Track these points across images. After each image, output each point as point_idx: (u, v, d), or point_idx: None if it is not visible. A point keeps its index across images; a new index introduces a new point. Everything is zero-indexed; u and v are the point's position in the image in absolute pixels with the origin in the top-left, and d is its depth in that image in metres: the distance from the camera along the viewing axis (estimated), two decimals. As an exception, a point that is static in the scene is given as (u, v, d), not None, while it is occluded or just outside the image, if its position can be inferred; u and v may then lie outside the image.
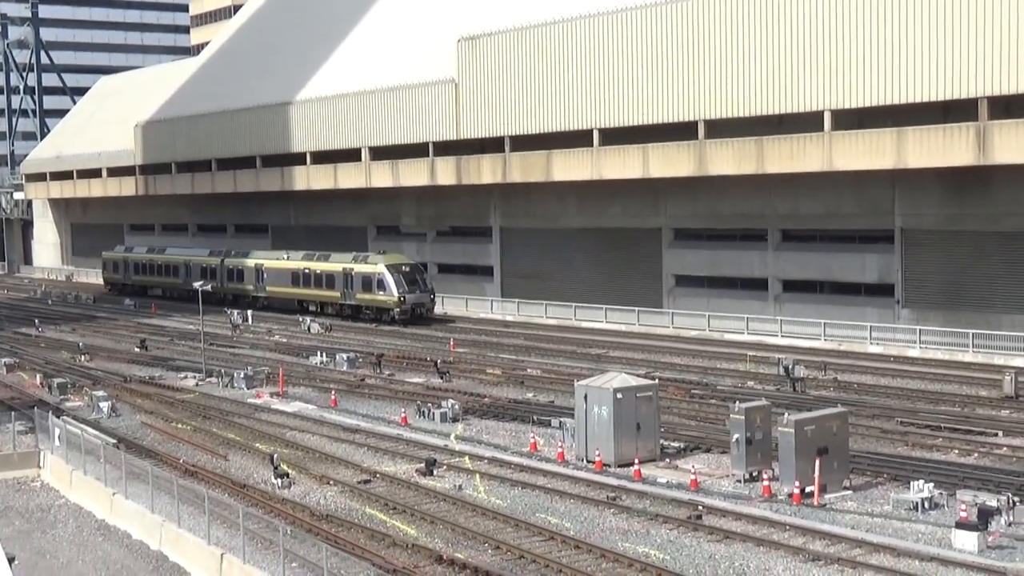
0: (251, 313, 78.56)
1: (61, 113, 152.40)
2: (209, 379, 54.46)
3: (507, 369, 54.80)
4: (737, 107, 60.80)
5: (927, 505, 29.97)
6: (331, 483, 34.98)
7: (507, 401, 47.07)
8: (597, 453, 35.43)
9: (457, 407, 44.12)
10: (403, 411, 44.40)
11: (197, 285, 60.27)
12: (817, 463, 31.11)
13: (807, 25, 57.43)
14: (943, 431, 38.96)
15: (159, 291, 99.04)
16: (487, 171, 75.83)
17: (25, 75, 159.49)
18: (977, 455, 35.86)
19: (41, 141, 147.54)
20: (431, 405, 44.55)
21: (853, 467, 33.03)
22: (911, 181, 57.51)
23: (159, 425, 44.98)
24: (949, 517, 28.79)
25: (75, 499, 35.47)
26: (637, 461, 34.65)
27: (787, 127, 59.25)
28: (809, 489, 31.05)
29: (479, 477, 35.14)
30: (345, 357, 57.49)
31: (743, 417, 33.01)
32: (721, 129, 61.95)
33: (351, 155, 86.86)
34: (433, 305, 75.17)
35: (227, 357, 61.84)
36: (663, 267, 70.05)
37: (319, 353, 60.06)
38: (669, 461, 35.99)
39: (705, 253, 67.83)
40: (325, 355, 59.40)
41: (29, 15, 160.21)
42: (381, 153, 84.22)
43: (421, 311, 73.95)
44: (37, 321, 78.93)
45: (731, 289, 66.51)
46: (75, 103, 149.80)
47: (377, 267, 74.68)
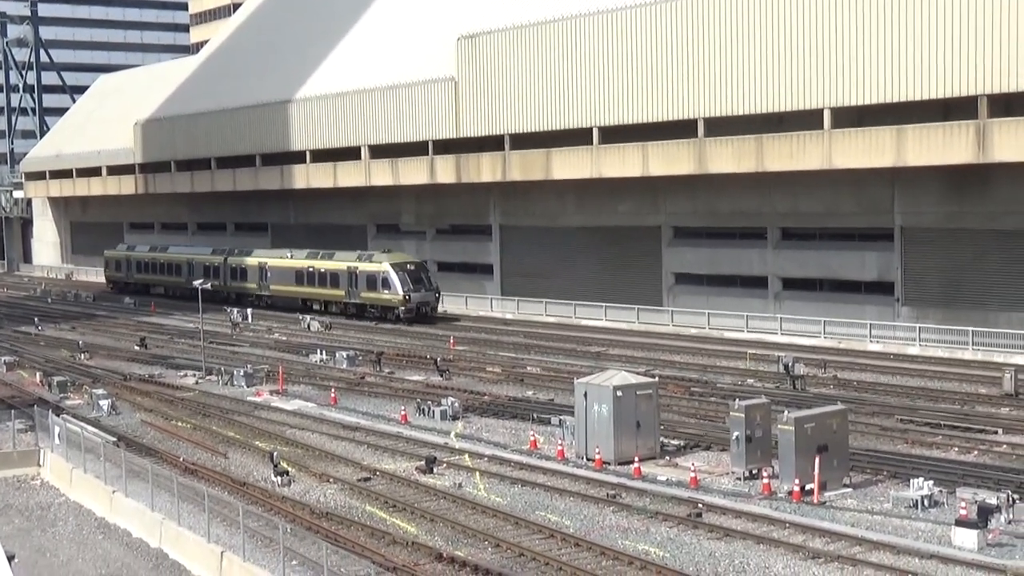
0: (251, 311, 78.62)
1: (61, 111, 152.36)
2: (209, 377, 54.46)
3: (507, 367, 54.80)
4: (737, 105, 60.80)
5: (927, 503, 29.99)
6: (331, 481, 34.98)
7: (507, 399, 47.09)
8: (597, 451, 35.44)
9: (457, 405, 44.12)
10: (403, 409, 44.42)
11: (197, 284, 60.29)
12: (817, 461, 31.12)
13: (807, 23, 57.43)
14: (943, 429, 38.97)
15: (161, 290, 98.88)
16: (487, 169, 75.84)
17: (25, 73, 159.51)
18: (977, 453, 35.88)
19: (41, 139, 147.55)
20: (431, 403, 44.55)
21: (853, 465, 33.04)
22: (911, 179, 57.52)
23: (159, 423, 44.99)
24: (949, 515, 28.80)
25: (75, 497, 35.48)
26: (637, 459, 34.67)
27: (787, 125, 59.24)
28: (809, 487, 31.06)
29: (479, 475, 35.14)
30: (345, 355, 57.50)
31: (743, 415, 33.01)
32: (721, 127, 61.96)
33: (351, 153, 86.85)
34: (438, 304, 75.11)
35: (227, 355, 61.84)
36: (663, 265, 70.06)
37: (319, 351, 60.04)
38: (669, 459, 36.00)
39: (705, 251, 67.84)
40: (325, 353, 59.40)
41: (29, 13, 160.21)
42: (381, 151, 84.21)
43: (426, 310, 73.81)
44: (37, 319, 78.95)
45: (731, 287, 66.51)
46: (75, 101, 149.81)
47: (382, 266, 74.46)
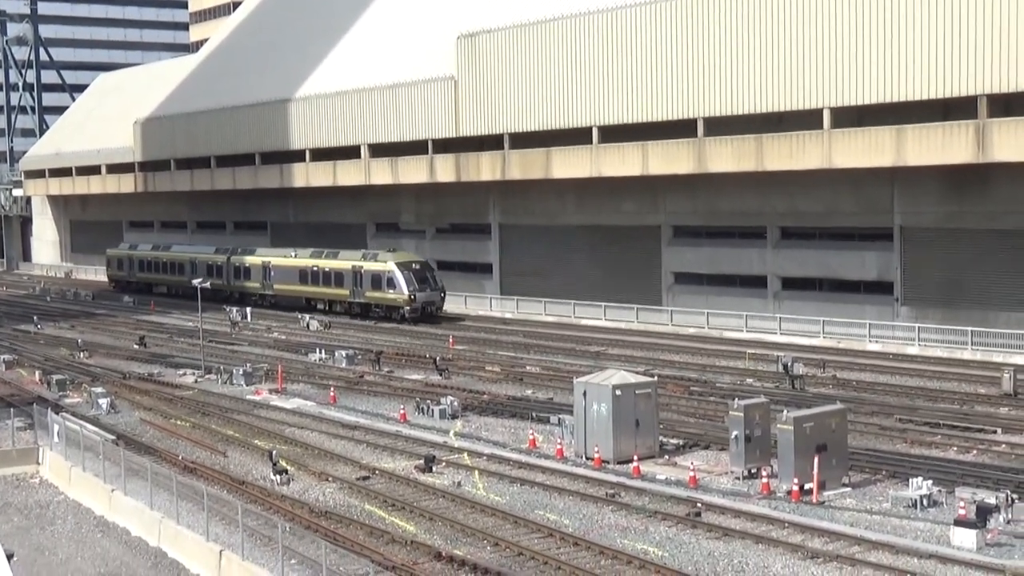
0: (250, 310, 78.65)
1: (60, 110, 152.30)
2: (208, 376, 54.46)
3: (506, 366, 54.80)
4: (736, 105, 60.78)
5: (926, 502, 29.99)
6: (330, 480, 34.98)
7: (506, 398, 47.10)
8: (596, 450, 35.44)
9: (456, 404, 44.12)
10: (402, 408, 44.42)
11: (197, 282, 60.29)
12: (816, 460, 31.12)
13: (806, 23, 57.41)
14: (942, 428, 38.99)
15: (164, 289, 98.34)
16: (486, 168, 75.82)
17: (24, 72, 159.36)
18: (976, 452, 35.89)
19: (40, 138, 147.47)
20: (430, 402, 44.55)
21: (852, 464, 33.04)
22: (910, 179, 57.51)
23: (158, 422, 44.99)
24: (948, 514, 28.81)
25: (74, 495, 35.48)
26: (636, 458, 34.67)
27: (786, 125, 59.22)
28: (808, 486, 31.06)
29: (478, 474, 35.14)
30: (344, 354, 57.50)
31: (742, 414, 33.02)
32: (720, 127, 61.94)
33: (350, 152, 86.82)
34: (443, 303, 74.67)
35: (226, 354, 61.83)
36: (662, 264, 70.05)
37: (318, 350, 60.04)
38: (668, 458, 36.00)
39: (704, 251, 67.83)
40: (324, 352, 59.39)
41: (28, 12, 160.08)
42: (380, 150, 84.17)
43: (431, 309, 73.37)
44: (36, 318, 78.99)
45: (730, 287, 66.49)
46: (74, 100, 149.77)
47: (387, 265, 73.96)
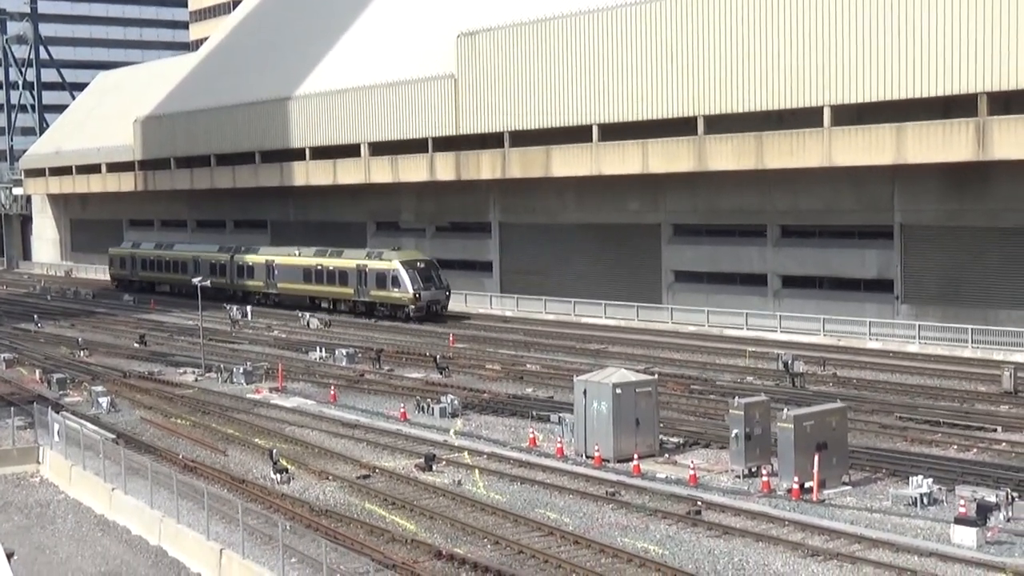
0: (250, 308, 78.62)
1: (60, 109, 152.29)
2: (208, 374, 54.45)
3: (506, 365, 54.80)
4: (736, 103, 60.77)
5: (926, 500, 30.00)
6: (330, 478, 34.98)
7: (506, 396, 47.10)
8: (596, 448, 35.43)
9: (456, 402, 44.12)
10: (402, 406, 44.41)
11: (196, 281, 60.03)
12: (816, 458, 31.12)
13: (807, 21, 57.39)
14: (942, 426, 38.99)
15: (167, 288, 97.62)
16: (486, 167, 75.81)
17: (24, 70, 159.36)
18: (976, 450, 35.89)
19: (40, 137, 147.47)
20: (430, 400, 44.56)
21: (852, 462, 33.04)
22: (910, 177, 57.51)
23: (158, 421, 44.99)
24: (948, 512, 28.82)
25: (74, 494, 35.48)
26: (636, 456, 34.68)
27: (787, 123, 59.21)
28: (808, 484, 31.07)
29: (478, 472, 35.14)
30: (344, 352, 57.49)
31: (742, 412, 33.02)
32: (720, 125, 61.95)
33: (350, 151, 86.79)
34: (448, 302, 74.14)
35: (226, 353, 61.82)
36: (662, 263, 70.05)
37: (318, 348, 60.03)
38: (668, 456, 36.00)
39: (704, 249, 67.83)
40: (324, 351, 59.39)
41: (28, 10, 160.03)
42: (380, 149, 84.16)
43: (436, 308, 72.89)
44: (36, 316, 78.98)
45: (730, 285, 66.50)
46: (74, 99, 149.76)
47: (392, 263, 73.46)
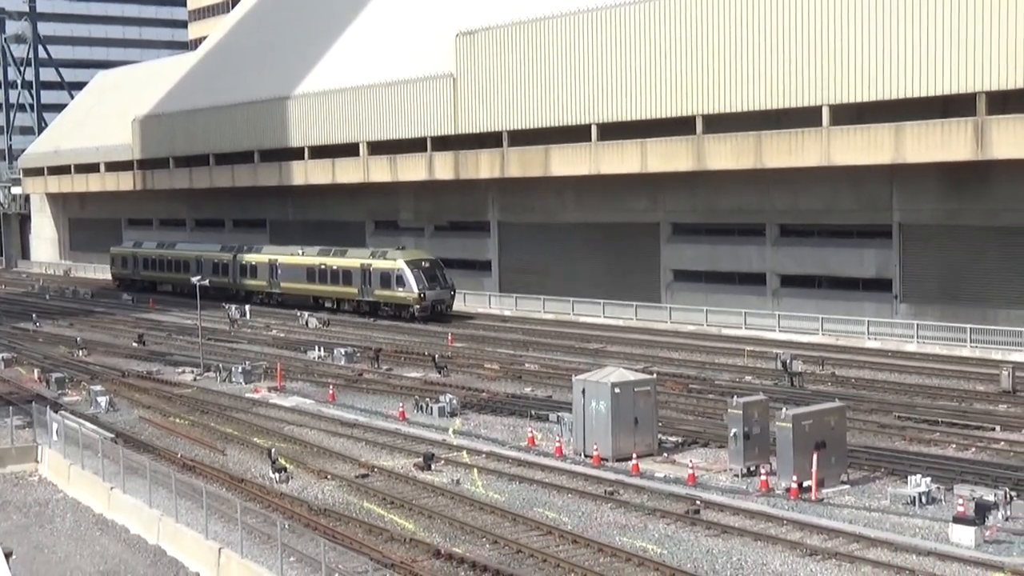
0: (249, 308, 78.57)
1: (59, 108, 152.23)
2: (207, 374, 54.43)
3: (505, 364, 54.80)
4: (735, 102, 60.77)
5: (924, 500, 30.02)
6: (329, 477, 34.98)
7: (505, 396, 47.09)
8: (595, 447, 35.43)
9: (455, 402, 44.12)
10: (401, 406, 44.40)
11: (196, 280, 59.72)
12: (815, 457, 31.13)
13: (805, 20, 57.40)
14: (941, 426, 39.00)
15: (169, 287, 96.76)
16: (485, 166, 75.81)
17: (23, 70, 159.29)
18: (974, 450, 35.90)
19: (39, 136, 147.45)
20: (429, 400, 44.56)
21: (851, 462, 33.05)
22: (909, 176, 57.52)
23: (157, 420, 44.98)
24: (946, 511, 28.83)
25: (73, 493, 35.48)
26: (635, 455, 34.68)
27: (785, 122, 59.22)
28: (807, 484, 31.07)
29: (477, 471, 35.14)
30: (343, 352, 57.48)
31: (741, 412, 33.02)
32: (719, 124, 61.95)
33: (349, 150, 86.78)
34: (453, 301, 73.66)
35: (225, 352, 61.80)
36: (661, 262, 70.06)
37: (317, 348, 60.03)
38: (667, 456, 36.01)
39: (703, 248, 67.83)
40: (323, 350, 59.38)
41: (27, 9, 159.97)
42: (379, 148, 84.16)
43: (441, 308, 72.39)
44: (35, 316, 78.94)
45: (729, 284, 66.51)
46: (73, 98, 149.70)
47: (396, 263, 72.95)
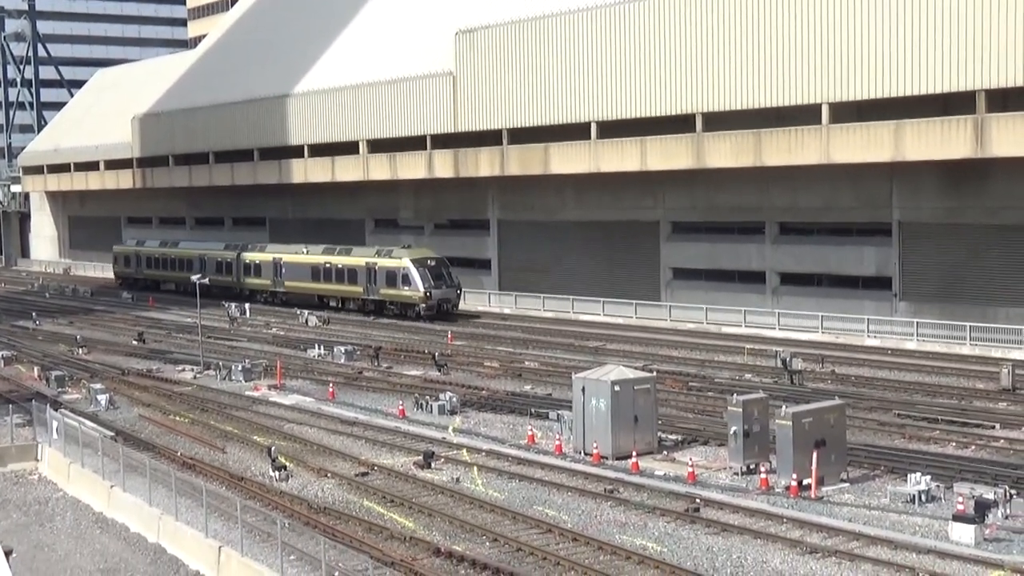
0: (248, 306, 78.58)
1: (58, 106, 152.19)
2: (207, 372, 54.44)
3: (505, 362, 54.81)
4: (735, 100, 60.76)
5: (924, 498, 30.04)
6: (329, 476, 34.98)
7: (505, 394, 47.09)
8: (595, 446, 35.44)
9: (455, 400, 44.11)
10: (401, 404, 44.41)
11: (195, 279, 59.56)
12: (814, 456, 31.13)
13: (805, 18, 57.38)
14: (940, 424, 39.01)
15: (172, 286, 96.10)
16: (485, 164, 75.80)
17: (22, 68, 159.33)
18: (974, 448, 35.91)
19: (38, 134, 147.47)
20: (429, 398, 44.56)
21: (850, 460, 33.06)
22: (909, 174, 57.52)
23: (157, 418, 44.99)
24: (946, 510, 28.84)
25: (73, 492, 35.47)
26: (635, 454, 34.70)
27: (785, 120, 59.21)
28: (806, 482, 31.07)
29: (477, 470, 35.14)
30: (343, 350, 57.47)
31: (741, 410, 33.04)
32: (719, 122, 61.94)
33: (349, 148, 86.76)
34: (459, 300, 73.03)
35: (225, 350, 61.81)
36: (661, 260, 70.07)
37: (317, 346, 60.04)
38: (666, 454, 36.02)
39: (703, 246, 67.83)
40: (323, 348, 59.39)
41: (26, 7, 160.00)
42: (379, 146, 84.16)
43: (447, 307, 71.72)
44: (34, 314, 78.94)
45: (729, 282, 66.53)
46: (72, 96, 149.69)
47: (402, 261, 72.36)
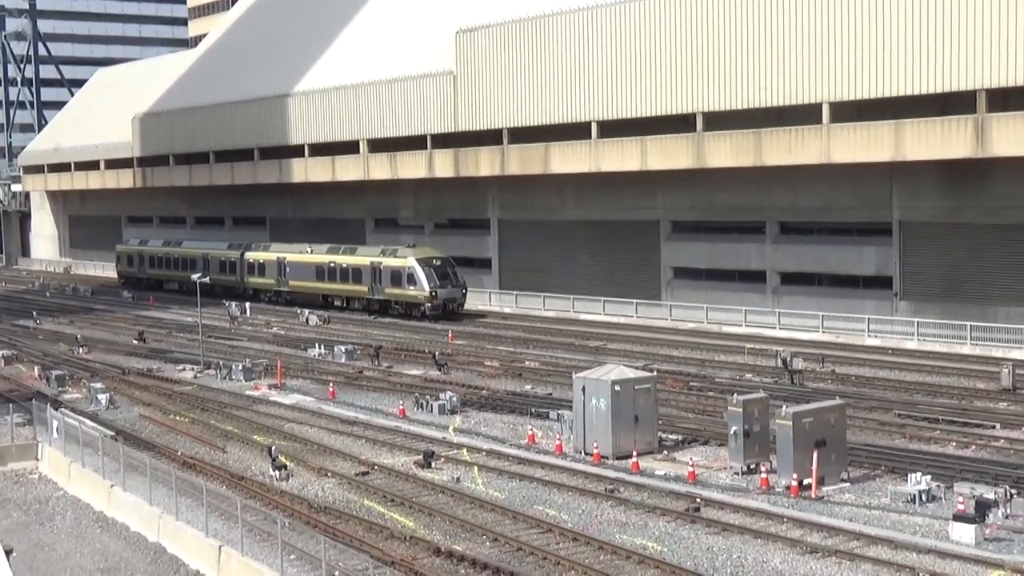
0: (249, 305, 78.58)
1: (59, 105, 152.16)
2: (207, 371, 54.44)
3: (505, 361, 54.81)
4: (735, 99, 60.75)
5: (925, 497, 30.04)
6: (329, 475, 34.99)
7: (505, 393, 47.09)
8: (595, 445, 35.44)
9: (455, 399, 44.11)
10: (401, 403, 44.42)
11: (196, 278, 59.44)
12: (815, 455, 31.14)
13: (805, 17, 57.37)
14: (941, 423, 39.01)
15: (175, 285, 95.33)
16: (485, 163, 75.79)
17: (23, 67, 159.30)
18: (975, 447, 35.91)
19: (39, 133, 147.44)
20: (429, 397, 44.57)
21: (851, 459, 33.07)
22: (909, 174, 57.50)
23: (157, 417, 45.00)
24: (947, 509, 28.84)
25: (73, 491, 35.48)
26: (635, 453, 34.70)
27: (785, 119, 59.19)
28: (807, 481, 31.08)
29: (477, 469, 35.14)
30: (343, 349, 57.47)
31: (741, 409, 33.04)
32: (719, 121, 61.92)
33: (349, 147, 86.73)
34: (464, 300, 72.79)
35: (225, 349, 61.82)
36: (661, 259, 70.05)
37: (317, 345, 60.04)
38: (667, 453, 36.03)
39: (703, 246, 67.82)
40: (323, 347, 59.39)
41: (27, 6, 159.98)
42: (379, 145, 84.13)
43: (453, 306, 71.50)
44: (35, 313, 78.95)
45: (729, 281, 66.52)
46: (73, 95, 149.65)
47: (407, 261, 72.04)
